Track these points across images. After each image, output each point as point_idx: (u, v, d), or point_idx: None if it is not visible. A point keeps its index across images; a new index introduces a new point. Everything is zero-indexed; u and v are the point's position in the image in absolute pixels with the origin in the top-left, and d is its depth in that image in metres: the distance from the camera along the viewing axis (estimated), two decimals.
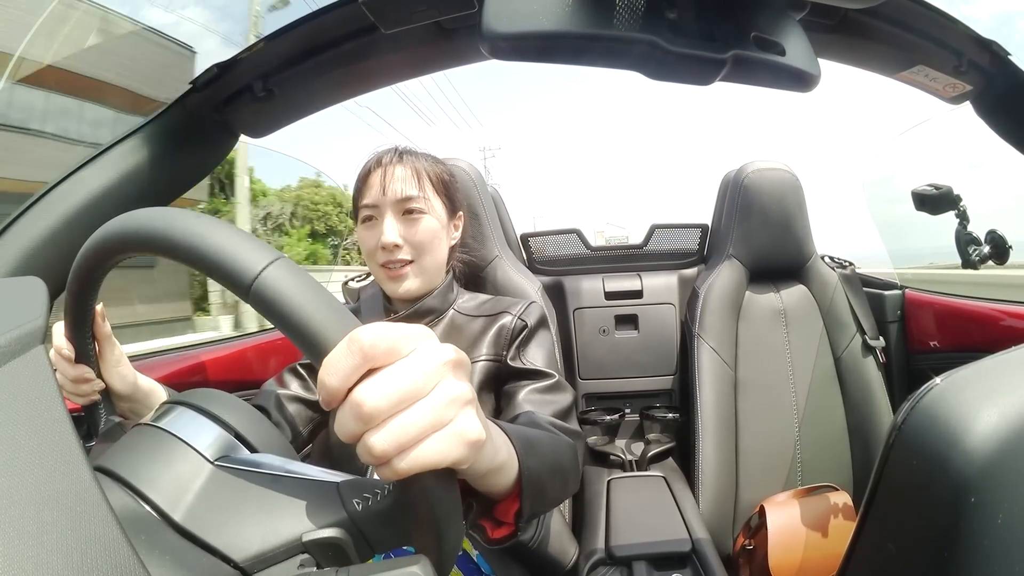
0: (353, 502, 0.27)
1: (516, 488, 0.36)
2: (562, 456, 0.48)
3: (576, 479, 0.53)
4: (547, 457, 0.42)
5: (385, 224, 0.65)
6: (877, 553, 0.26)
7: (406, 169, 0.67)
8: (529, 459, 0.36)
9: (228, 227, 0.27)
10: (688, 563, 0.73)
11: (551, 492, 0.43)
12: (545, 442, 0.46)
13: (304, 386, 0.69)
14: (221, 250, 0.26)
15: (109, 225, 0.30)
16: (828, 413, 1.08)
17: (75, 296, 0.36)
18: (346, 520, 0.26)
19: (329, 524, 0.26)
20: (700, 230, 1.28)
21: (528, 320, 0.69)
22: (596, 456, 1.09)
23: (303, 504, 0.27)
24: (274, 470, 0.29)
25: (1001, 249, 0.80)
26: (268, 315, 0.25)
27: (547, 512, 0.49)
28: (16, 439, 0.20)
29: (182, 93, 0.60)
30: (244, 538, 0.26)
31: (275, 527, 0.26)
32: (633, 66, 0.35)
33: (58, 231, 0.53)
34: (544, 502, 0.41)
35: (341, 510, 0.27)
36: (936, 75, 0.60)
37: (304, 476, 0.28)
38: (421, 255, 0.67)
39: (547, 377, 0.64)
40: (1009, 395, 0.23)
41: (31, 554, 0.18)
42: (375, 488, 0.28)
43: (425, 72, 0.62)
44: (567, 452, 0.50)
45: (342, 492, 0.27)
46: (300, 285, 0.25)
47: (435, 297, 0.70)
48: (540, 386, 0.63)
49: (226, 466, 0.28)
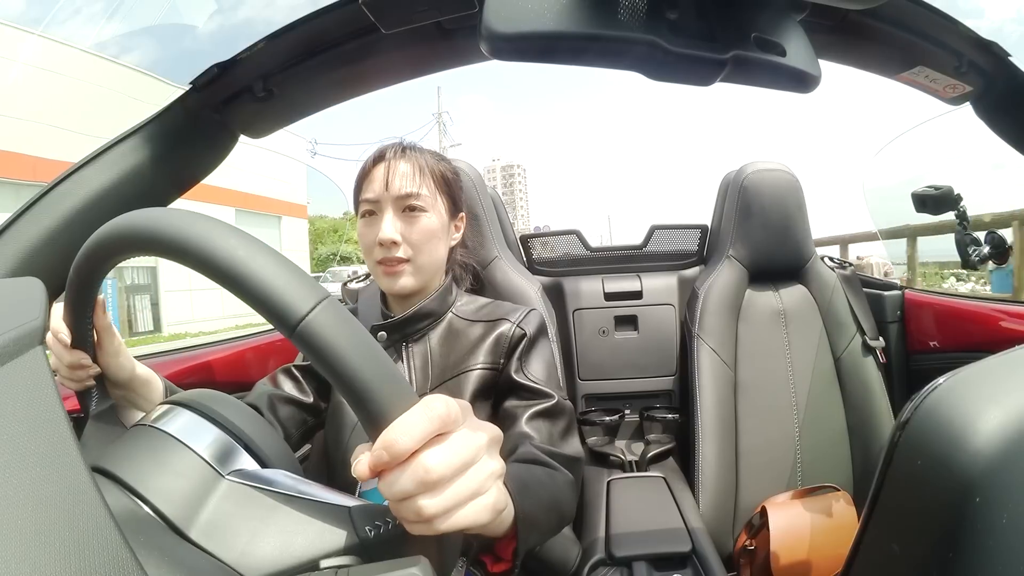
0: (366, 529, 0.28)
1: (513, 529, 0.38)
2: (558, 493, 0.51)
3: (572, 509, 0.56)
4: (543, 498, 0.46)
5: (384, 220, 0.65)
6: (881, 553, 0.26)
7: (410, 165, 0.67)
8: (525, 502, 0.39)
9: (273, 254, 0.26)
10: (688, 563, 0.73)
11: (546, 528, 0.48)
12: (542, 481, 0.50)
13: (298, 388, 0.69)
14: (266, 283, 0.25)
15: (134, 220, 0.28)
16: (828, 413, 1.07)
17: (81, 281, 0.35)
18: (357, 546, 0.27)
19: (343, 550, 0.27)
20: (700, 231, 1.28)
21: (527, 329, 0.68)
22: (596, 456, 1.09)
23: (317, 526, 0.28)
24: (287, 490, 0.29)
25: (1001, 249, 0.80)
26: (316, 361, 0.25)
27: (542, 542, 0.53)
28: (14, 439, 0.20)
29: (182, 93, 0.60)
30: (257, 556, 0.26)
31: (288, 548, 0.26)
32: (633, 66, 0.35)
33: (57, 231, 0.53)
34: (540, 538, 0.46)
35: (354, 536, 0.28)
36: (936, 76, 0.60)
37: (317, 498, 0.29)
38: (418, 253, 0.66)
39: (547, 398, 0.64)
40: (1014, 394, 0.23)
41: (28, 555, 0.18)
42: (387, 517, 0.29)
43: (425, 72, 0.62)
44: (564, 488, 0.53)
45: (354, 517, 0.28)
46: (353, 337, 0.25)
47: (433, 300, 0.69)
48: (540, 409, 0.63)
49: (239, 482, 0.29)
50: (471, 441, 0.28)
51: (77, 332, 0.41)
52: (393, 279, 0.66)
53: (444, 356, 0.68)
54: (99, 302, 0.42)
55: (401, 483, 0.26)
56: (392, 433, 0.25)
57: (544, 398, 0.64)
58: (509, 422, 0.62)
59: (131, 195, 0.58)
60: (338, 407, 0.69)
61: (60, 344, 0.42)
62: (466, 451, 0.28)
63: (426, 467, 0.26)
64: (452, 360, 0.67)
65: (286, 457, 0.33)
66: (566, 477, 0.55)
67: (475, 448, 0.28)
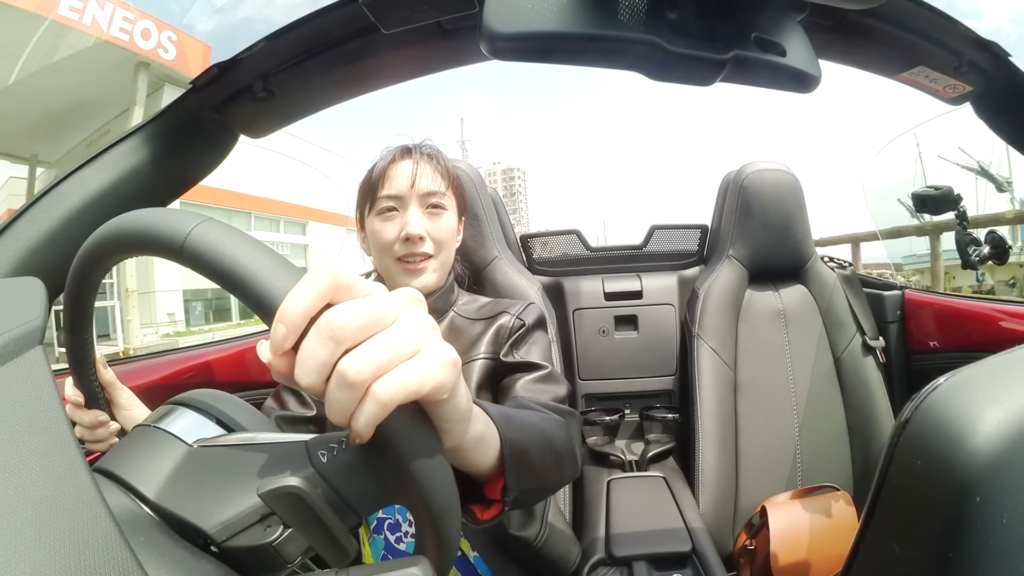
0: (319, 454, 0.25)
1: (500, 463, 0.35)
2: (549, 430, 0.46)
3: (572, 457, 0.50)
4: (531, 431, 0.41)
5: (410, 215, 0.65)
6: (881, 553, 0.26)
7: (432, 164, 0.68)
8: (510, 430, 0.35)
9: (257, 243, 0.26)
10: (688, 563, 0.73)
11: (539, 464, 0.41)
12: (530, 416, 0.45)
13: (301, 402, 0.69)
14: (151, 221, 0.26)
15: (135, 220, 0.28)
16: (828, 413, 1.07)
17: (81, 282, 0.34)
18: (312, 474, 0.25)
19: (299, 479, 0.24)
20: (700, 231, 1.28)
21: (526, 319, 0.69)
22: (596, 456, 1.09)
23: (275, 465, 0.26)
24: (247, 440, 0.28)
25: (1001, 249, 0.80)
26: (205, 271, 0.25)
27: (542, 491, 0.48)
28: (14, 439, 0.20)
29: (182, 93, 0.60)
30: (214, 507, 0.25)
31: (240, 492, 0.25)
32: (633, 66, 0.35)
33: (57, 231, 0.53)
34: (533, 476, 0.39)
35: (307, 465, 0.25)
36: (936, 76, 0.60)
37: (274, 441, 0.27)
38: (440, 251, 0.67)
39: (541, 368, 0.64)
40: (1014, 394, 0.23)
41: (28, 555, 0.18)
42: (342, 438, 0.26)
43: (425, 72, 0.62)
44: (555, 427, 0.48)
45: (309, 448, 0.26)
46: (235, 238, 0.25)
47: (438, 298, 0.70)
48: (534, 376, 0.63)
49: (202, 446, 0.28)
50: (378, 299, 0.24)
51: (85, 390, 0.42)
52: (416, 276, 0.66)
53: None
54: (98, 360, 0.42)
55: (308, 350, 0.22)
56: (283, 303, 0.22)
57: (537, 368, 0.64)
58: (504, 394, 0.63)
59: (131, 195, 0.58)
60: None
61: (77, 408, 0.42)
62: (378, 304, 0.23)
63: (329, 319, 0.22)
64: None
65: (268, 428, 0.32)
66: (559, 420, 0.50)
67: (384, 304, 0.23)
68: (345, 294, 0.23)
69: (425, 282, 0.67)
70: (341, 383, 0.22)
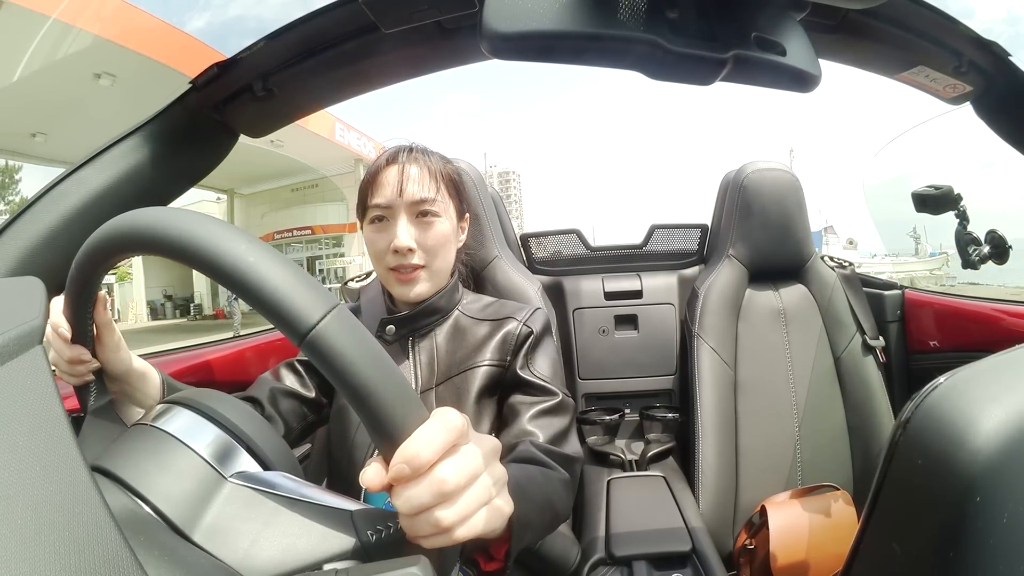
0: (367, 533, 0.28)
1: (507, 531, 0.38)
2: (553, 493, 0.52)
3: (567, 508, 0.56)
4: (537, 499, 0.46)
5: (399, 226, 0.63)
6: (881, 553, 0.26)
7: (422, 169, 0.65)
8: (520, 504, 0.39)
9: (281, 258, 0.26)
10: (688, 563, 0.73)
11: (540, 528, 0.48)
12: (537, 481, 0.51)
13: (300, 382, 0.68)
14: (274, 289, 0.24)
15: (140, 219, 0.27)
16: (828, 413, 1.08)
17: (83, 277, 0.34)
18: (359, 550, 0.28)
19: (345, 554, 0.27)
20: (700, 230, 1.28)
21: (534, 327, 0.68)
22: (596, 456, 1.09)
23: (319, 530, 0.28)
24: (290, 493, 0.29)
25: (1001, 249, 0.80)
26: (327, 371, 0.25)
27: (535, 542, 0.55)
28: (14, 439, 0.20)
29: (182, 92, 0.60)
30: (261, 559, 0.26)
31: (291, 551, 0.27)
32: (634, 66, 0.35)
33: (57, 231, 0.53)
34: (533, 537, 0.47)
35: (355, 539, 0.28)
36: (936, 76, 0.60)
37: (319, 502, 0.29)
38: (433, 259, 0.65)
39: (552, 396, 0.64)
40: (1014, 393, 0.23)
41: (28, 554, 0.18)
42: (387, 521, 0.29)
43: (425, 72, 0.62)
44: (559, 488, 0.54)
45: (356, 521, 0.29)
46: (364, 348, 0.25)
47: (441, 297, 0.69)
48: (544, 407, 0.63)
49: (242, 484, 0.29)
50: (477, 451, 0.29)
51: (77, 327, 0.41)
52: (408, 286, 0.65)
53: (450, 353, 0.68)
54: (100, 298, 0.41)
55: (419, 496, 0.26)
56: (413, 447, 0.26)
57: (548, 396, 0.64)
58: (513, 417, 0.63)
59: (131, 195, 0.58)
60: (344, 406, 0.69)
61: (60, 339, 0.41)
62: (476, 461, 0.29)
63: (442, 478, 0.26)
64: (458, 357, 0.67)
65: (286, 457, 0.33)
66: (562, 476, 0.55)
67: (482, 458, 0.29)
68: (457, 440, 0.28)
69: (418, 291, 0.66)
70: (434, 524, 0.27)
